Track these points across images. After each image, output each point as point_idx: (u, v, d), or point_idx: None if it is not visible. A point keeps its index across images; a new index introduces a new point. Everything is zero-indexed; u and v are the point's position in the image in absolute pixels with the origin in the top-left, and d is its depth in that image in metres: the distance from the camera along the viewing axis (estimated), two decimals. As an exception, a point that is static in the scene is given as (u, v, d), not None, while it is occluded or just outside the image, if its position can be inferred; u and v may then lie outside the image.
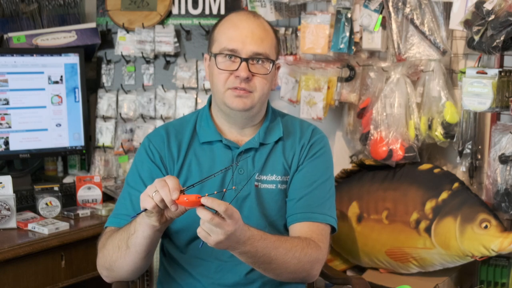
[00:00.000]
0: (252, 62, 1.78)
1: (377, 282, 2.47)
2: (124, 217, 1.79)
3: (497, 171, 2.36)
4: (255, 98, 1.80)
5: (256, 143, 1.86)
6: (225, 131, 1.89)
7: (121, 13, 2.97)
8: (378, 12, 2.56)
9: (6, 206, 2.30)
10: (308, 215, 1.81)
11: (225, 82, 1.79)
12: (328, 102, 2.71)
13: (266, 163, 1.87)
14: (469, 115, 2.48)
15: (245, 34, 1.78)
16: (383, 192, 2.55)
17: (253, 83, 1.79)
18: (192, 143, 1.88)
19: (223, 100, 1.81)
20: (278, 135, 1.89)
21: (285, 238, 1.74)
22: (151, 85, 2.98)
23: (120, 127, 2.98)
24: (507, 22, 2.15)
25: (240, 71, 1.76)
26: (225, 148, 1.86)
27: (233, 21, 1.82)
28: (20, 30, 2.86)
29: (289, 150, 1.89)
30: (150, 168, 1.85)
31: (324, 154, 1.92)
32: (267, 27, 1.84)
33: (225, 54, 1.79)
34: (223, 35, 1.81)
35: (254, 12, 1.88)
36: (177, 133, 1.90)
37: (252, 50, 1.77)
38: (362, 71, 2.68)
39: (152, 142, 1.88)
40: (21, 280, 2.22)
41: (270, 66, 1.81)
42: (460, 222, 2.37)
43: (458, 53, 2.57)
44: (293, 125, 1.95)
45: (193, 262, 1.86)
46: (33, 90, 2.73)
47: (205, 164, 1.85)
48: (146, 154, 1.87)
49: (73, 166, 3.01)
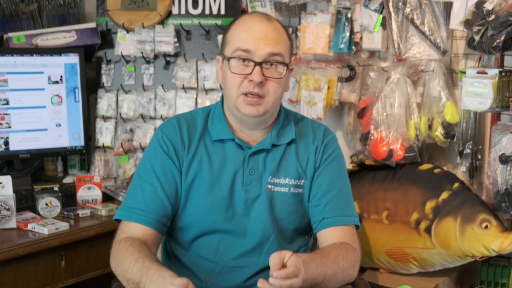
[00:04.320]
0: (265, 66, 1.75)
1: (377, 282, 2.47)
2: (136, 211, 1.77)
3: (498, 171, 2.35)
4: (268, 103, 1.78)
5: (268, 144, 1.85)
6: (237, 130, 1.87)
7: (121, 13, 2.97)
8: (378, 12, 2.55)
9: (6, 206, 2.30)
10: (337, 219, 1.82)
11: (239, 87, 1.77)
12: (328, 102, 2.71)
13: (280, 166, 1.85)
14: (470, 115, 2.48)
15: (259, 36, 1.75)
16: (383, 192, 2.55)
17: (266, 87, 1.76)
18: (203, 139, 1.86)
19: (235, 105, 1.79)
20: (291, 137, 1.88)
21: (325, 251, 1.75)
22: (151, 85, 2.97)
23: (120, 127, 2.98)
24: (507, 22, 2.15)
25: (253, 75, 1.74)
26: (237, 148, 1.85)
27: (247, 24, 1.79)
28: (20, 30, 2.86)
29: (303, 153, 1.88)
30: (163, 160, 1.83)
31: (339, 154, 1.93)
32: (281, 29, 1.82)
33: (238, 58, 1.76)
34: (236, 37, 1.78)
35: (268, 15, 1.85)
36: (188, 125, 1.87)
37: (266, 52, 1.75)
38: (362, 71, 2.68)
39: (165, 133, 1.86)
40: (21, 280, 2.22)
41: (284, 69, 1.78)
42: (461, 222, 2.37)
43: (459, 53, 2.57)
44: (305, 126, 1.93)
45: (197, 261, 1.86)
46: (33, 90, 2.73)
47: (216, 162, 1.83)
48: (159, 146, 1.85)
49: (73, 166, 3.01)
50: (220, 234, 1.83)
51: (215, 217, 1.82)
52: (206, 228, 1.83)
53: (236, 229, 1.83)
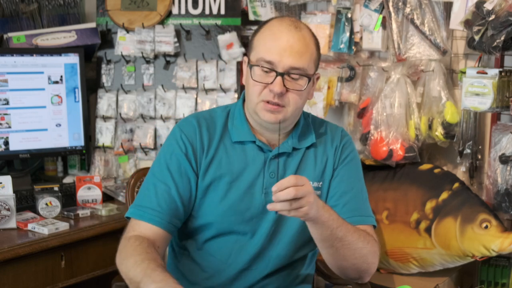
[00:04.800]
0: (287, 77, 1.72)
1: (377, 282, 2.47)
2: (149, 210, 1.75)
3: (498, 171, 2.36)
4: (288, 112, 1.76)
5: (289, 148, 1.83)
6: (257, 132, 1.85)
7: (121, 13, 2.97)
8: (378, 12, 2.56)
9: (6, 206, 2.30)
10: (356, 219, 1.80)
11: (259, 94, 1.74)
12: (328, 102, 2.71)
13: (299, 169, 1.84)
14: (470, 115, 2.48)
15: (284, 47, 1.71)
16: (383, 192, 2.55)
17: (287, 98, 1.74)
18: (223, 140, 1.83)
19: (255, 111, 1.77)
20: (311, 141, 1.86)
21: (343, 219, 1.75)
22: (151, 85, 2.97)
23: (120, 127, 2.98)
24: (507, 22, 2.15)
25: (274, 85, 1.71)
26: (258, 150, 1.82)
27: (274, 31, 1.75)
28: (20, 30, 2.86)
29: (322, 156, 1.87)
30: (179, 160, 1.79)
31: (356, 156, 1.92)
32: (308, 39, 1.77)
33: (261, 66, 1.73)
34: (261, 44, 1.75)
35: (297, 22, 1.79)
36: (208, 125, 1.84)
37: (289, 65, 1.71)
38: (362, 71, 2.68)
39: (184, 133, 1.82)
40: (21, 280, 2.22)
41: (305, 82, 1.75)
42: (461, 222, 2.37)
43: (459, 53, 2.57)
44: (323, 129, 1.92)
45: (209, 259, 1.84)
46: (33, 90, 2.72)
47: (236, 164, 1.81)
48: (177, 145, 1.81)
49: (73, 166, 3.01)
50: (236, 235, 1.82)
51: (232, 219, 1.80)
52: (222, 229, 1.81)
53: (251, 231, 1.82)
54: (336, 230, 1.67)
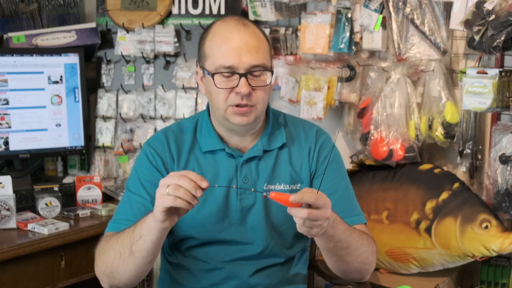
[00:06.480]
0: (250, 76, 1.71)
1: (377, 282, 2.47)
2: (124, 221, 1.76)
3: (498, 171, 2.35)
4: (258, 110, 1.75)
5: (259, 151, 1.82)
6: (226, 139, 1.84)
7: (121, 13, 2.97)
8: (378, 12, 2.55)
9: (6, 206, 2.30)
10: (348, 220, 1.77)
11: (226, 100, 1.73)
12: (328, 102, 2.71)
13: (274, 172, 1.83)
14: (470, 115, 2.48)
15: (239, 47, 1.70)
16: (383, 192, 2.55)
17: (255, 97, 1.73)
18: (193, 151, 1.83)
19: (225, 117, 1.76)
20: (282, 141, 1.85)
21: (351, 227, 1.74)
22: (151, 85, 2.97)
23: (120, 127, 2.98)
24: (507, 22, 2.15)
25: (240, 87, 1.70)
26: (228, 157, 1.82)
27: (223, 34, 1.73)
28: (20, 30, 2.86)
29: (296, 157, 1.86)
30: (151, 173, 1.81)
31: (336, 153, 1.90)
32: (259, 34, 1.76)
33: (222, 73, 1.72)
34: (216, 51, 1.73)
35: (243, 20, 1.79)
36: (176, 138, 1.85)
37: (249, 63, 1.70)
38: (362, 71, 2.68)
39: (153, 147, 1.83)
40: (21, 280, 2.22)
41: (268, 76, 1.75)
42: (461, 222, 2.37)
43: (459, 53, 2.57)
44: (296, 128, 1.90)
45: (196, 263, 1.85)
46: (33, 90, 2.72)
47: (209, 173, 1.80)
48: (147, 159, 1.83)
49: (73, 166, 3.01)
50: (218, 244, 1.82)
51: (212, 228, 1.80)
52: (204, 239, 1.82)
53: (234, 238, 1.81)
54: (342, 242, 1.66)
